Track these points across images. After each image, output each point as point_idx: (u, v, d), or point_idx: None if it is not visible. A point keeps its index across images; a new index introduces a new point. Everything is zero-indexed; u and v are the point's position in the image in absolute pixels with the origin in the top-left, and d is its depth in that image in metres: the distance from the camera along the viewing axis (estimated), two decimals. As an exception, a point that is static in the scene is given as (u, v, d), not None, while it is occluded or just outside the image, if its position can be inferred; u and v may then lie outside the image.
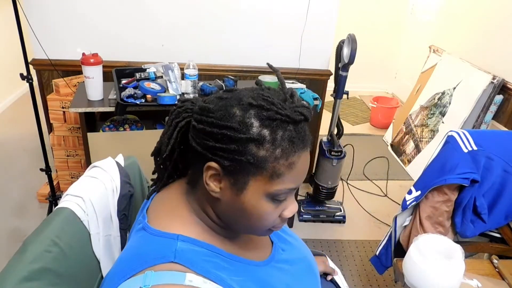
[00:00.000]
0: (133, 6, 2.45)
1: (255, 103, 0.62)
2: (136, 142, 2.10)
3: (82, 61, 2.01)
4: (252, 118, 0.62)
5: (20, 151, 3.14)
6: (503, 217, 1.55)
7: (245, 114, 0.62)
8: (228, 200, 0.66)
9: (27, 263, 0.73)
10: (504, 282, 1.32)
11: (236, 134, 0.61)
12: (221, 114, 0.63)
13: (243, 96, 0.64)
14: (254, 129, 0.61)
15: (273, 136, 0.61)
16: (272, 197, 0.65)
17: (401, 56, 4.62)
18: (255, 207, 0.65)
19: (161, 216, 0.71)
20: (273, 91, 0.67)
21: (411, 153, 3.24)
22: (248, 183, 0.64)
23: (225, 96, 0.66)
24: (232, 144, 0.61)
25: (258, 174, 0.63)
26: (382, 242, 1.77)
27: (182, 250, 0.65)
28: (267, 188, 0.64)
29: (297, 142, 0.63)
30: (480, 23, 2.99)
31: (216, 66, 2.63)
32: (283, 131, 0.62)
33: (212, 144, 0.63)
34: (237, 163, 0.62)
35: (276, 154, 0.62)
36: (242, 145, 0.61)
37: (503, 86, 2.63)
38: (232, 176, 0.64)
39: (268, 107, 0.62)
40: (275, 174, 0.63)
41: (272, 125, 0.61)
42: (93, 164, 1.02)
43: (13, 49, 2.59)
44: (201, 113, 0.65)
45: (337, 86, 2.36)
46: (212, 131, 0.62)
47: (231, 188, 0.65)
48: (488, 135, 1.70)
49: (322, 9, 2.55)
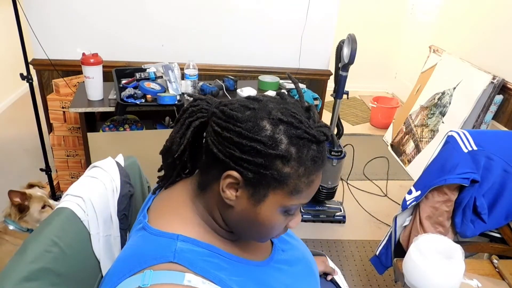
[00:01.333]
0: (133, 6, 2.46)
1: (285, 120, 0.62)
2: (136, 142, 2.10)
3: (82, 61, 2.01)
4: (281, 135, 0.62)
5: (20, 151, 3.14)
6: (503, 217, 1.55)
7: (275, 129, 0.62)
8: (242, 210, 0.66)
9: (27, 263, 0.73)
10: (504, 282, 1.32)
11: (265, 149, 0.61)
12: (250, 126, 0.62)
13: (272, 109, 0.64)
14: (283, 146, 0.61)
15: (299, 155, 0.62)
16: (286, 210, 0.67)
17: (401, 56, 4.62)
18: (268, 219, 0.66)
19: (162, 216, 0.71)
20: (297, 107, 0.67)
21: (411, 153, 3.24)
22: (267, 196, 0.64)
23: (252, 106, 0.64)
24: (259, 158, 0.61)
25: (278, 189, 0.64)
26: (382, 242, 1.77)
27: (182, 250, 0.65)
28: (285, 202, 0.65)
29: (318, 162, 0.65)
30: (480, 23, 2.99)
31: (216, 66, 2.63)
32: (308, 149, 0.63)
33: (238, 155, 0.62)
34: (261, 176, 0.63)
35: (299, 172, 0.63)
36: (270, 160, 0.61)
37: (503, 86, 2.63)
38: (252, 187, 0.64)
39: (298, 125, 0.62)
40: (295, 190, 0.64)
41: (299, 144, 0.62)
42: (93, 164, 1.02)
43: (13, 49, 2.59)
44: (226, 120, 0.64)
45: (337, 86, 2.36)
46: (240, 142, 0.62)
47: (248, 198, 0.65)
48: (488, 135, 1.70)
49: (322, 9, 2.55)
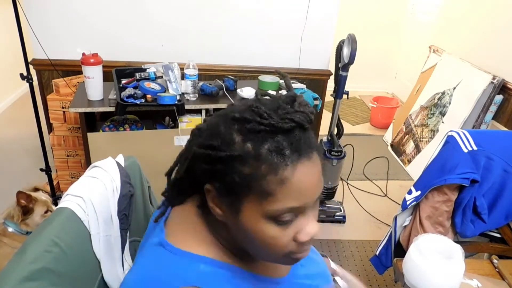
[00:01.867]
0: (133, 6, 2.46)
1: (238, 116, 0.57)
2: (136, 142, 2.10)
3: (82, 61, 2.01)
4: (234, 134, 0.57)
5: (20, 151, 3.14)
6: (503, 217, 1.55)
7: (228, 130, 0.57)
8: (232, 223, 0.62)
9: (27, 263, 0.73)
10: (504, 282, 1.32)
11: (216, 153, 0.57)
12: (207, 134, 0.60)
13: (233, 109, 0.59)
14: (236, 146, 0.56)
15: (257, 151, 0.55)
16: (273, 218, 0.58)
17: (401, 56, 4.62)
18: (256, 230, 0.59)
19: (180, 233, 0.68)
20: (271, 101, 0.61)
21: (411, 153, 3.24)
22: (242, 204, 0.58)
23: (221, 113, 0.62)
24: (216, 164, 0.57)
25: (248, 194, 0.57)
26: (382, 242, 1.77)
27: (205, 273, 0.62)
28: (262, 208, 0.57)
29: (288, 154, 0.55)
30: (480, 23, 2.99)
31: (216, 66, 2.63)
32: (270, 142, 0.55)
33: (204, 167, 0.59)
34: (225, 183, 0.58)
35: (262, 171, 0.55)
36: (226, 163, 0.56)
37: (503, 86, 2.63)
38: (227, 197, 0.60)
39: (251, 118, 0.56)
40: (265, 193, 0.56)
41: (256, 138, 0.55)
42: (93, 164, 1.02)
43: (13, 49, 2.59)
44: (195, 134, 0.63)
45: (337, 86, 2.36)
46: (201, 152, 0.59)
47: (229, 210, 0.61)
48: (488, 135, 1.70)
49: (322, 9, 2.55)
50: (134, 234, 1.05)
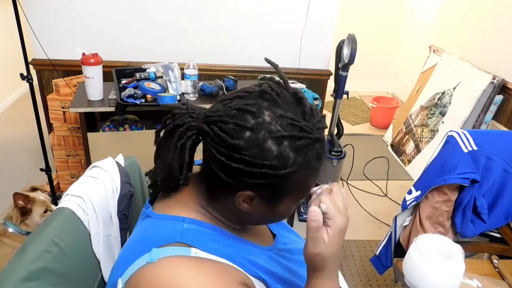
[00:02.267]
0: (133, 6, 2.46)
1: (287, 135, 0.61)
2: (136, 142, 2.10)
3: (82, 61, 2.01)
4: (288, 151, 0.61)
5: (20, 151, 3.13)
6: (503, 217, 1.55)
7: (280, 148, 0.61)
8: (259, 213, 0.69)
9: (27, 263, 0.73)
10: (504, 282, 1.32)
11: (277, 172, 0.61)
12: (256, 152, 0.60)
13: (270, 124, 0.61)
14: (291, 161, 0.61)
15: (305, 160, 0.63)
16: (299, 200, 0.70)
17: (401, 56, 4.62)
18: (284, 212, 0.71)
19: (166, 204, 0.72)
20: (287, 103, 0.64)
21: (411, 153, 3.24)
22: (282, 200, 0.67)
23: (249, 126, 0.60)
24: (273, 179, 0.62)
25: (293, 192, 0.66)
26: (382, 242, 1.77)
27: (189, 230, 0.65)
28: (299, 198, 0.69)
29: (322, 156, 0.66)
30: (480, 23, 2.99)
31: (216, 66, 2.63)
32: (312, 151, 0.64)
33: (251, 181, 0.62)
34: (276, 190, 0.65)
35: (307, 173, 0.65)
36: (282, 178, 0.62)
37: (503, 86, 2.63)
38: (268, 198, 0.66)
39: (300, 135, 0.61)
40: (307, 187, 0.68)
41: (304, 151, 0.63)
42: (93, 164, 1.02)
43: (13, 49, 2.59)
44: (229, 149, 0.61)
45: (337, 86, 2.36)
46: (250, 170, 0.61)
47: (264, 205, 0.67)
48: (488, 135, 1.70)
49: (322, 9, 2.55)
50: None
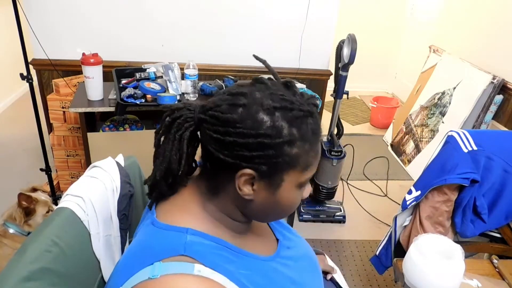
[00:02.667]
0: (133, 6, 2.46)
1: (278, 106, 0.63)
2: (136, 142, 2.10)
3: (82, 61, 2.01)
4: (281, 121, 0.63)
5: (20, 151, 3.14)
6: (503, 217, 1.55)
7: (273, 118, 0.63)
8: (263, 200, 0.68)
9: (27, 263, 0.73)
10: (504, 282, 1.32)
11: (272, 140, 0.62)
12: (250, 123, 0.62)
13: (261, 99, 0.64)
14: (285, 131, 0.63)
15: (301, 133, 0.64)
16: (301, 185, 0.70)
17: (401, 56, 4.62)
18: (289, 199, 0.69)
19: (170, 212, 0.71)
20: (280, 87, 0.68)
21: (411, 153, 3.24)
22: (283, 180, 0.67)
23: (241, 103, 0.64)
24: (269, 150, 0.63)
25: (292, 170, 0.66)
26: (382, 242, 1.77)
27: (192, 243, 0.65)
28: (300, 179, 0.68)
29: (318, 132, 0.67)
30: (480, 23, 2.99)
31: (216, 66, 2.63)
32: (306, 125, 0.65)
33: (248, 154, 0.63)
34: (274, 165, 0.64)
35: (306, 148, 0.65)
36: (278, 148, 0.63)
37: (503, 86, 2.63)
38: (268, 177, 0.66)
39: (291, 106, 0.64)
40: (306, 166, 0.67)
41: (298, 123, 0.64)
42: (93, 164, 1.02)
43: (13, 49, 2.59)
44: (223, 125, 0.64)
45: (337, 86, 2.36)
46: (246, 142, 0.62)
47: (266, 189, 0.67)
48: (488, 135, 1.70)
49: (322, 9, 2.55)
50: (134, 234, 1.05)
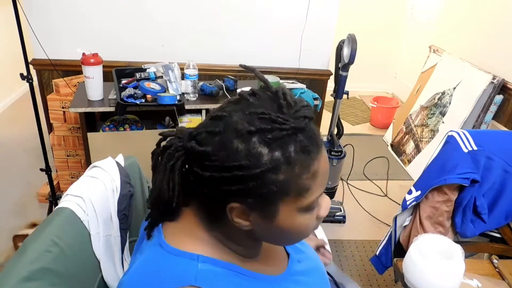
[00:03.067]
0: (133, 6, 2.46)
1: (254, 129, 0.55)
2: (136, 142, 2.10)
3: (82, 61, 2.01)
4: (258, 147, 0.56)
5: (20, 151, 3.13)
6: (503, 217, 1.55)
7: (248, 145, 0.56)
8: (264, 229, 0.63)
9: (27, 263, 0.73)
10: (504, 282, 1.32)
11: (249, 172, 0.56)
12: (224, 155, 0.56)
13: (237, 123, 0.57)
14: (265, 157, 0.56)
15: (286, 156, 0.56)
16: (306, 209, 0.62)
17: (401, 56, 4.62)
18: (293, 225, 0.63)
19: (178, 234, 0.67)
20: (263, 100, 0.60)
21: (411, 153, 3.24)
22: (278, 209, 0.60)
23: (218, 130, 0.58)
24: (249, 182, 0.56)
25: (285, 197, 0.59)
26: (382, 242, 1.77)
27: (203, 271, 0.62)
28: (299, 205, 0.60)
29: (312, 149, 0.58)
30: (480, 23, 2.99)
31: (216, 66, 2.63)
32: (294, 144, 0.57)
33: (228, 188, 0.58)
34: (261, 196, 0.58)
35: (296, 172, 0.57)
36: (260, 178, 0.56)
37: (503, 86, 2.63)
38: (260, 208, 0.60)
39: (270, 127, 0.56)
40: (302, 190, 0.59)
41: (281, 144, 0.56)
42: (93, 164, 1.02)
43: (13, 49, 2.59)
44: (201, 158, 0.59)
45: (337, 86, 2.36)
46: (222, 176, 0.57)
47: (262, 218, 0.61)
48: (488, 135, 1.70)
49: (322, 9, 2.55)
50: (134, 234, 1.05)
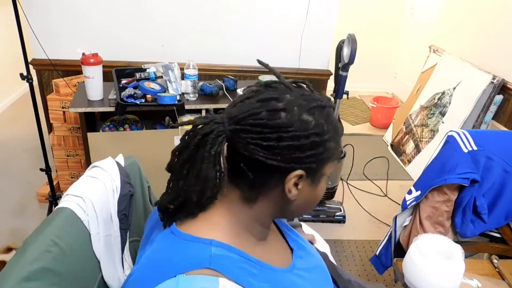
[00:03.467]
0: (133, 6, 2.46)
1: (314, 105, 0.67)
2: (136, 142, 2.10)
3: (82, 61, 2.01)
4: (319, 119, 0.66)
5: (20, 151, 3.14)
6: (503, 217, 1.55)
7: (314, 116, 0.66)
8: (305, 197, 0.71)
9: (27, 263, 0.73)
10: (504, 282, 1.32)
11: (321, 138, 0.66)
12: (299, 126, 0.64)
13: (296, 101, 0.66)
14: (325, 128, 0.67)
15: (332, 127, 0.68)
16: (327, 176, 0.72)
17: (401, 56, 4.62)
18: (322, 190, 0.73)
19: (190, 221, 0.69)
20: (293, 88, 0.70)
21: (411, 153, 3.24)
22: (324, 174, 0.70)
23: (281, 107, 0.65)
24: (319, 148, 0.66)
25: (329, 162, 0.70)
26: (382, 242, 1.77)
27: (217, 255, 0.64)
28: (328, 171, 0.71)
29: (338, 124, 0.71)
30: (480, 23, 2.99)
31: (216, 66, 2.63)
32: (332, 118, 0.69)
33: (302, 155, 0.65)
34: (321, 161, 0.68)
35: (337, 140, 0.70)
36: (324, 145, 0.67)
37: (503, 86, 2.63)
38: (314, 173, 0.69)
39: (324, 104, 0.68)
40: (337, 155, 0.70)
41: (330, 118, 0.68)
42: (93, 164, 1.02)
43: (13, 49, 2.59)
44: (274, 131, 0.64)
45: (337, 86, 2.36)
46: (300, 144, 0.64)
47: (309, 185, 0.69)
48: (488, 135, 1.70)
49: (322, 9, 2.55)
50: (134, 234, 1.05)
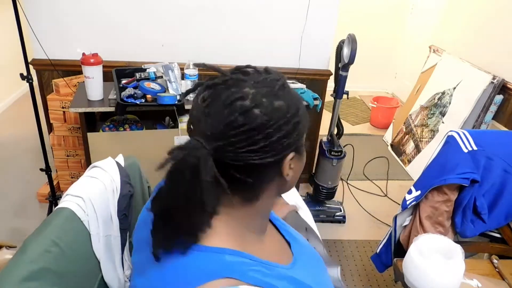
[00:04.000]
0: (134, 6, 2.45)
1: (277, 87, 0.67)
2: (136, 142, 2.10)
3: (82, 61, 2.01)
4: (288, 98, 0.67)
5: (20, 151, 3.14)
6: (503, 217, 1.55)
7: (283, 98, 0.67)
8: (297, 169, 0.72)
9: (27, 263, 0.73)
10: (504, 282, 1.32)
11: (298, 115, 0.67)
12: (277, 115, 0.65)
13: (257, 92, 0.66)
14: (294, 103, 0.68)
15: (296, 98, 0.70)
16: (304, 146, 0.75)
17: (401, 56, 4.62)
18: (303, 160, 0.74)
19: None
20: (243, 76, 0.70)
21: (411, 153, 3.24)
22: (303, 149, 0.72)
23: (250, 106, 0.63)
24: (299, 124, 0.68)
25: (304, 133, 0.71)
26: (382, 242, 1.77)
27: (232, 263, 0.64)
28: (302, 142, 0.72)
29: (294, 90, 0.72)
30: (480, 23, 2.99)
31: (216, 66, 2.63)
32: (291, 89, 0.70)
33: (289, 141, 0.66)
34: (302, 135, 0.69)
35: (302, 104, 0.71)
36: (301, 118, 0.68)
37: (503, 86, 2.63)
38: (301, 149, 0.71)
39: (282, 82, 0.68)
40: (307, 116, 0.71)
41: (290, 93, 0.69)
42: (93, 164, 1.02)
43: (13, 49, 2.59)
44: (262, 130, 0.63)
45: (337, 86, 2.36)
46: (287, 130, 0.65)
47: (298, 160, 0.71)
48: (488, 135, 1.70)
49: (322, 9, 2.55)
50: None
